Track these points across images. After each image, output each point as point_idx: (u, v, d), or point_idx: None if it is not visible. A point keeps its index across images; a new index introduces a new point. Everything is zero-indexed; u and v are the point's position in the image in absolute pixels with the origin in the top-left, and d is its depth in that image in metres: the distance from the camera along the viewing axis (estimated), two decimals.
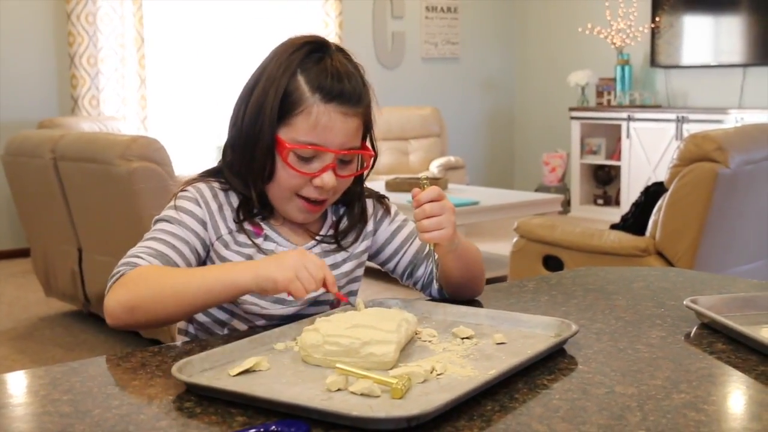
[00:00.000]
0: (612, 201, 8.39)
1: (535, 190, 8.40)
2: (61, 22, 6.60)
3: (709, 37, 7.78)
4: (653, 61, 8.12)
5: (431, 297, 1.71)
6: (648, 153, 7.79)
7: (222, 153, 1.65)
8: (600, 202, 8.45)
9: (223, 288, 1.40)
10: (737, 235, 3.69)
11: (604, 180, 8.47)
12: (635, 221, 3.91)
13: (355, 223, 1.69)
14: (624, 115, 7.97)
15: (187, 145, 7.19)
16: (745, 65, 7.52)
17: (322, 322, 1.31)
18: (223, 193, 1.60)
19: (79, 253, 4.46)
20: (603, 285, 1.84)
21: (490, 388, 1.16)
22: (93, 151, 4.08)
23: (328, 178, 1.54)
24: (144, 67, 6.80)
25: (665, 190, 3.58)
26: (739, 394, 1.20)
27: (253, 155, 1.55)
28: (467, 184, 7.24)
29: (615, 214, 6.99)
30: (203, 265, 1.57)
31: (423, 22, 8.59)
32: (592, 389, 1.18)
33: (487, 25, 9.11)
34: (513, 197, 5.77)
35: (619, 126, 8.08)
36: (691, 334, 1.44)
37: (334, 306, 1.62)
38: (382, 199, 1.76)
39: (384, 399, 1.12)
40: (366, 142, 1.62)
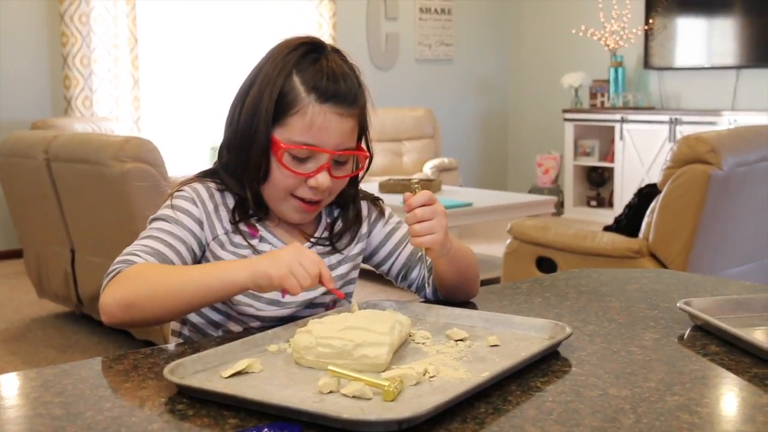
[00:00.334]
0: (605, 203, 8.40)
1: (529, 192, 8.41)
2: (54, 22, 6.59)
3: (702, 39, 7.80)
4: (647, 63, 8.14)
5: (426, 299, 1.71)
6: (641, 155, 7.80)
7: (218, 154, 1.64)
8: (593, 203, 8.45)
9: (221, 285, 1.39)
10: (730, 237, 3.70)
11: (598, 182, 8.48)
12: (628, 223, 3.91)
13: (349, 225, 1.69)
14: (617, 116, 7.98)
15: (181, 146, 7.18)
16: (738, 67, 7.54)
17: (315, 323, 1.30)
18: (219, 194, 1.60)
19: (71, 254, 4.45)
20: (596, 287, 1.84)
21: (483, 391, 1.16)
22: (86, 151, 4.07)
23: (322, 178, 1.54)
24: (137, 67, 6.79)
25: (658, 192, 3.58)
26: (732, 396, 1.20)
27: (249, 155, 1.55)
28: (461, 186, 7.25)
29: (608, 216, 7.00)
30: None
31: (417, 23, 8.60)
32: (585, 391, 1.17)
33: (480, 27, 9.12)
34: (506, 199, 5.77)
35: (612, 128, 8.09)
36: (685, 336, 1.44)
37: (329, 308, 1.61)
38: (376, 201, 1.76)
39: (376, 401, 1.11)
40: (361, 143, 1.62)
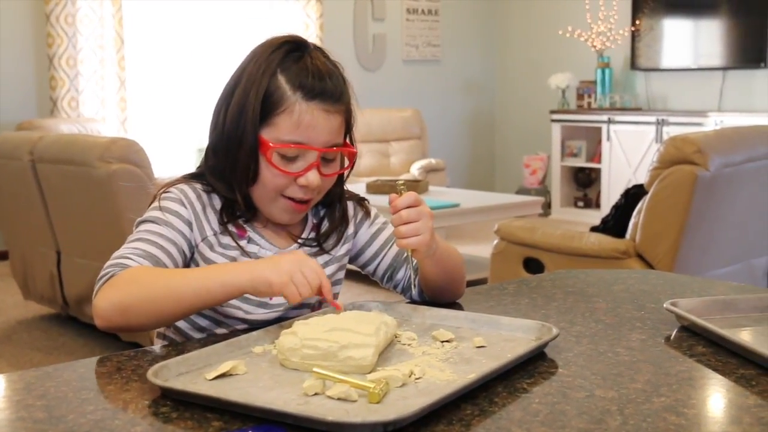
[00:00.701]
0: (592, 203, 8.41)
1: (516, 193, 8.42)
2: (40, 23, 6.55)
3: (688, 41, 7.82)
4: (633, 64, 8.16)
5: (411, 300, 1.70)
6: (628, 155, 7.82)
7: (204, 157, 1.63)
8: (580, 204, 8.47)
9: (221, 288, 1.38)
10: (716, 238, 3.70)
11: (585, 182, 8.50)
12: (615, 223, 3.91)
13: (336, 225, 1.68)
14: (604, 117, 7.99)
15: (167, 147, 7.16)
16: (724, 68, 7.56)
17: (300, 325, 1.29)
18: (206, 195, 1.59)
19: (57, 255, 4.43)
20: (583, 288, 1.84)
21: (469, 392, 1.15)
22: (72, 153, 4.05)
23: (312, 176, 1.53)
24: (123, 68, 6.76)
25: (645, 193, 3.58)
26: (719, 397, 1.20)
27: (237, 157, 1.53)
28: (448, 186, 7.24)
29: (595, 217, 7.01)
30: (187, 267, 1.55)
31: (404, 24, 8.59)
32: (572, 393, 1.17)
33: (467, 28, 9.12)
34: (493, 199, 5.77)
35: (599, 128, 8.10)
36: (671, 337, 1.44)
37: (315, 309, 1.60)
38: (362, 202, 1.75)
39: (361, 403, 1.11)
40: (347, 140, 1.62)
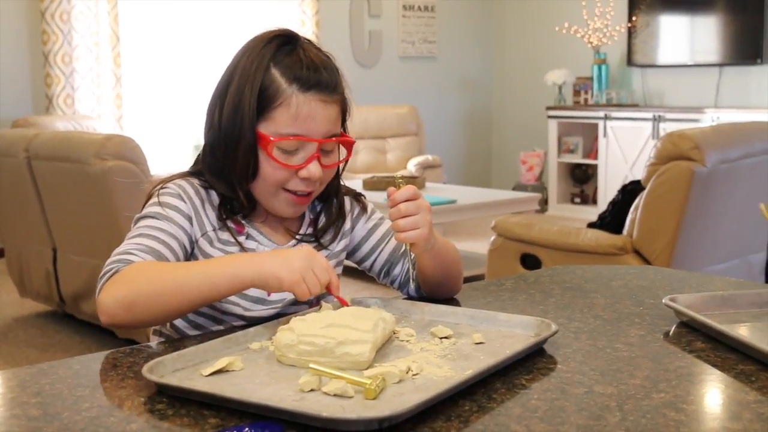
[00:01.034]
0: (589, 200, 8.41)
1: (513, 189, 8.41)
2: (35, 20, 6.54)
3: (685, 37, 7.82)
4: (630, 61, 8.15)
5: (408, 296, 1.69)
6: (625, 152, 7.81)
7: (201, 157, 1.61)
8: (577, 200, 8.47)
9: (227, 281, 1.36)
10: (713, 234, 3.70)
11: (581, 179, 8.49)
12: (612, 220, 3.91)
13: (333, 220, 1.67)
14: (601, 114, 7.99)
15: (163, 143, 7.14)
16: (720, 65, 7.56)
17: (298, 321, 1.29)
18: (204, 191, 1.58)
19: (53, 252, 4.42)
20: (581, 283, 1.83)
21: (468, 388, 1.14)
22: (67, 150, 4.04)
23: (314, 168, 1.52)
24: (119, 65, 6.75)
25: (642, 189, 3.58)
26: (718, 393, 1.19)
27: (236, 154, 1.52)
28: (444, 183, 7.24)
29: (592, 213, 7.01)
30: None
31: (400, 20, 8.58)
32: (570, 389, 1.16)
33: (464, 24, 9.11)
34: (490, 196, 5.77)
35: (596, 125, 8.10)
36: (670, 333, 1.43)
37: (312, 306, 1.59)
38: (358, 197, 1.75)
39: (357, 399, 1.10)
40: (344, 130, 1.61)
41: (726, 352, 1.31)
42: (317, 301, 1.60)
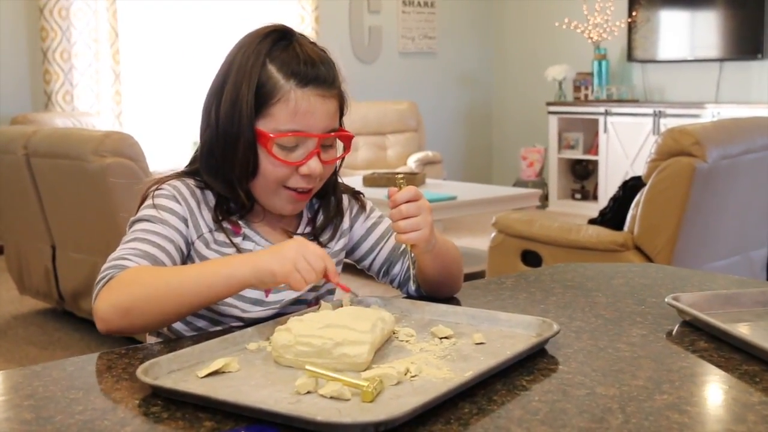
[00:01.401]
0: (590, 196, 8.40)
1: (513, 185, 8.39)
2: (34, 17, 6.52)
3: (685, 32, 7.80)
4: (630, 56, 8.13)
5: (408, 295, 1.68)
6: (625, 147, 7.80)
7: (198, 155, 1.58)
8: (578, 196, 8.45)
9: (223, 282, 1.35)
10: (715, 230, 3.68)
11: (582, 174, 8.48)
12: (613, 216, 3.89)
13: (331, 217, 1.65)
14: (601, 109, 7.97)
15: (162, 140, 7.12)
16: (721, 60, 7.54)
17: (295, 321, 1.27)
18: (199, 191, 1.56)
19: (52, 250, 4.41)
20: (582, 281, 1.81)
21: (467, 390, 1.13)
22: (66, 147, 4.02)
23: (314, 164, 1.50)
24: (118, 62, 6.73)
25: (643, 185, 3.56)
26: (722, 394, 1.17)
27: (234, 153, 1.50)
28: (444, 179, 7.22)
29: (593, 209, 6.99)
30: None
31: (400, 16, 8.56)
32: (572, 390, 1.14)
33: (464, 20, 9.09)
34: (491, 192, 5.75)
35: (596, 120, 8.08)
36: (673, 332, 1.41)
37: (311, 305, 1.58)
38: (357, 195, 1.73)
39: (354, 402, 1.08)
40: (342, 125, 1.59)
41: (730, 352, 1.29)
42: (316, 300, 1.59)
